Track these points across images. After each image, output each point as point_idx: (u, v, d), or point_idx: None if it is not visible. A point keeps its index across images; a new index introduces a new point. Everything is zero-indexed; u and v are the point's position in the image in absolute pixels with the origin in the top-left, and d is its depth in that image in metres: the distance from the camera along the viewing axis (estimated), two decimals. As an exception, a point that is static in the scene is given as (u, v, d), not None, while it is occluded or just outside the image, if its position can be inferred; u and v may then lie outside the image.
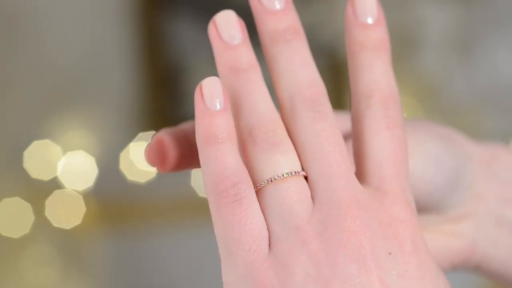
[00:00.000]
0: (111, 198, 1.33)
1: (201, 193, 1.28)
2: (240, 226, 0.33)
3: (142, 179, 1.28)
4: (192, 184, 1.28)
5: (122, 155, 1.28)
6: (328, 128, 0.35)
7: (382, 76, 0.37)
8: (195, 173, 1.24)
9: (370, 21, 0.38)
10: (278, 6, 0.37)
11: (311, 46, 0.39)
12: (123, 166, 1.28)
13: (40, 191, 1.27)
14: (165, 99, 1.34)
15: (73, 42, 1.34)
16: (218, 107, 0.35)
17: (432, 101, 1.32)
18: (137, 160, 1.27)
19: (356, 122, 0.37)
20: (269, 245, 0.33)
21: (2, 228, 1.27)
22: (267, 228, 0.34)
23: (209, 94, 0.35)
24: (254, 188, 0.34)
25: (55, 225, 1.29)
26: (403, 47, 1.32)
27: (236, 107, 0.36)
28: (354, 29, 0.38)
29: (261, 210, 0.34)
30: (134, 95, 1.35)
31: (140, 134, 1.27)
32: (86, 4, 1.34)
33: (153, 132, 1.30)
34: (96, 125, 1.33)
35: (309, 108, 0.35)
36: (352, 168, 0.35)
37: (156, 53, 1.35)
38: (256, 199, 0.34)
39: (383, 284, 0.32)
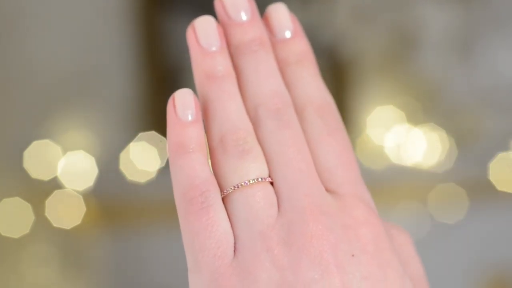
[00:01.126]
0: (111, 198, 1.32)
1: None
2: (205, 233, 0.34)
3: (142, 179, 1.28)
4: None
5: (122, 155, 1.28)
6: (292, 136, 0.35)
7: (311, 88, 0.37)
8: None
9: (288, 35, 0.38)
10: (244, 18, 0.38)
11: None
12: (123, 166, 1.28)
13: (40, 191, 1.27)
14: (165, 99, 1.34)
15: (73, 42, 1.34)
16: (190, 118, 0.36)
17: (432, 101, 1.32)
18: (137, 160, 1.27)
19: None
20: (235, 251, 0.34)
21: (2, 228, 1.27)
22: (233, 234, 0.34)
23: (181, 105, 0.36)
24: (222, 194, 0.35)
25: (55, 225, 1.29)
26: (403, 47, 1.32)
27: (209, 114, 0.36)
28: (275, 47, 0.38)
29: (228, 216, 0.34)
30: (134, 95, 1.35)
31: (140, 134, 1.27)
32: (86, 4, 1.35)
33: (153, 132, 1.31)
34: (96, 125, 1.33)
35: (273, 117, 0.36)
36: (316, 174, 0.35)
37: (156, 53, 1.35)
38: (223, 207, 0.34)
39: (346, 287, 0.32)
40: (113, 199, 1.33)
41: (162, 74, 1.35)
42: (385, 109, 1.31)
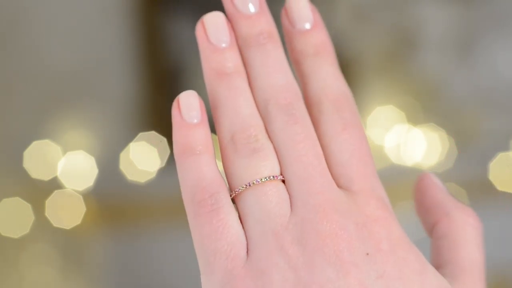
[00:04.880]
0: (111, 198, 1.32)
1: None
2: (217, 235, 0.33)
3: (142, 179, 1.28)
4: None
5: (122, 155, 1.27)
6: (302, 131, 0.35)
7: (329, 80, 0.37)
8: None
9: (307, 26, 0.38)
10: (252, 10, 0.37)
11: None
12: (123, 166, 1.28)
13: (40, 191, 1.27)
14: (165, 99, 1.34)
15: (72, 42, 1.34)
16: (195, 120, 0.35)
17: (432, 101, 1.32)
18: (137, 160, 1.27)
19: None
20: (247, 251, 0.33)
21: (2, 228, 1.27)
22: (245, 235, 0.34)
23: (186, 107, 0.36)
24: (233, 193, 0.34)
25: (55, 225, 1.29)
26: (403, 47, 1.32)
27: (219, 111, 0.36)
28: (293, 39, 0.38)
29: (240, 216, 0.34)
30: (134, 95, 1.35)
31: (140, 134, 1.27)
32: (86, 4, 1.34)
33: (153, 132, 1.31)
34: (96, 125, 1.33)
35: (283, 112, 0.35)
36: (327, 170, 0.35)
37: (156, 53, 1.35)
38: (233, 208, 0.34)
39: (362, 287, 0.32)
40: (113, 199, 1.33)
41: (162, 74, 1.35)
42: (385, 109, 1.31)
